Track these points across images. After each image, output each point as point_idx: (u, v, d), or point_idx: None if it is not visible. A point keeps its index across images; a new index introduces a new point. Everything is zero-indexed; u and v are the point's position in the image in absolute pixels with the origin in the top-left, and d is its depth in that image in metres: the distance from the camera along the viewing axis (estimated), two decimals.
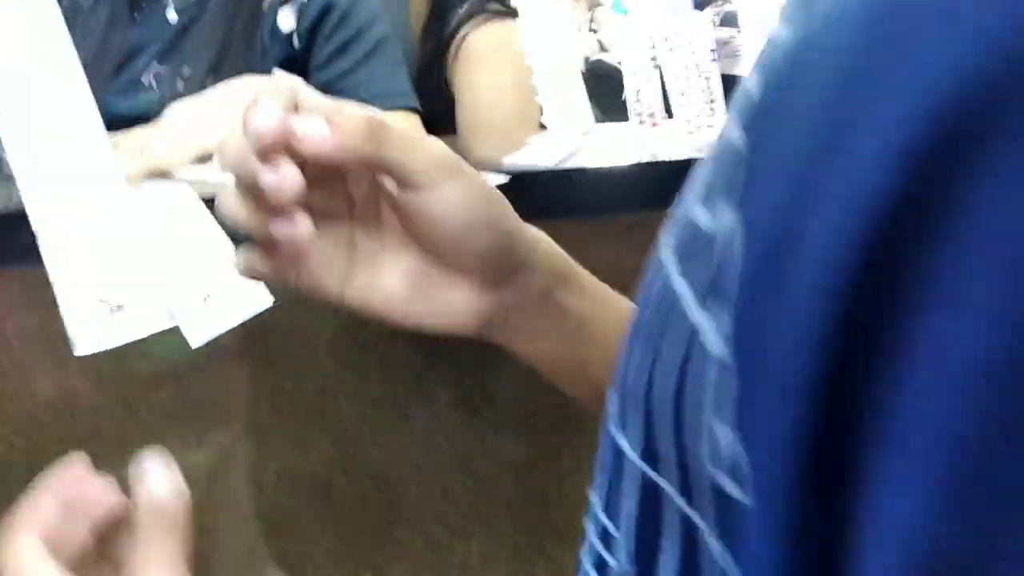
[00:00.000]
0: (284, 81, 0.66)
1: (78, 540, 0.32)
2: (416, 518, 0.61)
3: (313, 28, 0.83)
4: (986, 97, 0.13)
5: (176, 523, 0.31)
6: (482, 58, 0.95)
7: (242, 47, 0.81)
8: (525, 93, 0.95)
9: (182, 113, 0.67)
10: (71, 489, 0.32)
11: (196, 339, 0.47)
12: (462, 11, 0.99)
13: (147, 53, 0.81)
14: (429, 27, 1.02)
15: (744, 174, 0.17)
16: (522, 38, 0.99)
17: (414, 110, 0.87)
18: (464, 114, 0.92)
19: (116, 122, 0.72)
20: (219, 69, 0.78)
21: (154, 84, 0.80)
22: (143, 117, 0.75)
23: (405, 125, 0.83)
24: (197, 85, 0.77)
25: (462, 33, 0.97)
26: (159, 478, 0.32)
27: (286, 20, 0.83)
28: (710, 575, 0.18)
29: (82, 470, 0.33)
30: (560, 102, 0.70)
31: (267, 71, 0.81)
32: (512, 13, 1.00)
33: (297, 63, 0.83)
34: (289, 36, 0.83)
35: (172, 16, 0.82)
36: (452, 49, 0.97)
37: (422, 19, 1.05)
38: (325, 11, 0.84)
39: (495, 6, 0.98)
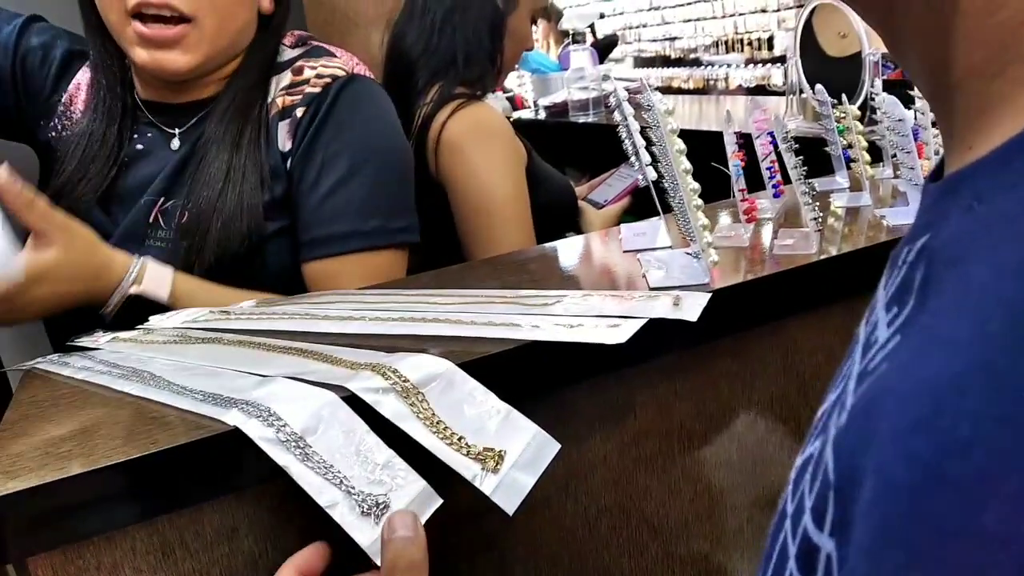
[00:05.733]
0: None
1: None
2: None
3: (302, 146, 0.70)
4: None
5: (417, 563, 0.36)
6: (469, 144, 0.93)
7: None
8: (521, 175, 0.97)
9: None
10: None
11: None
12: (429, 101, 0.97)
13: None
14: None
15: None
16: (501, 120, 0.98)
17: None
18: (469, 200, 0.90)
19: None
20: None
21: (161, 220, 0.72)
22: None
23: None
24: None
25: (438, 122, 0.95)
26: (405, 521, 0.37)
27: (284, 137, 0.71)
28: None
29: None
30: None
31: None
32: (480, 96, 1.00)
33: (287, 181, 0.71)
34: (285, 156, 0.71)
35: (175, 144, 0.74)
36: (430, 141, 0.95)
37: None
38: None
39: (462, 90, 0.98)
